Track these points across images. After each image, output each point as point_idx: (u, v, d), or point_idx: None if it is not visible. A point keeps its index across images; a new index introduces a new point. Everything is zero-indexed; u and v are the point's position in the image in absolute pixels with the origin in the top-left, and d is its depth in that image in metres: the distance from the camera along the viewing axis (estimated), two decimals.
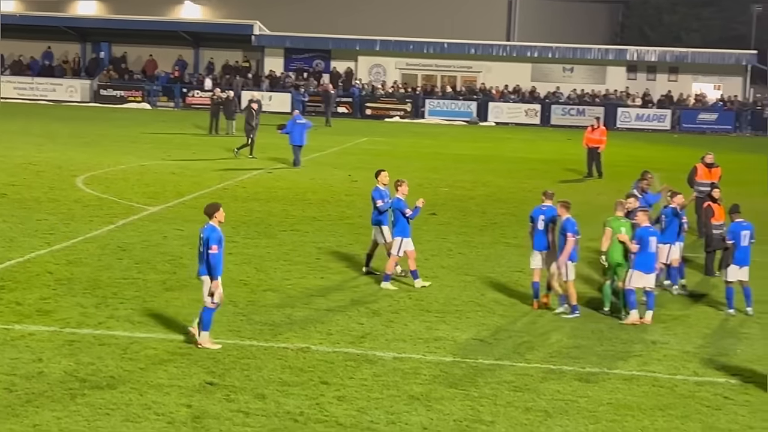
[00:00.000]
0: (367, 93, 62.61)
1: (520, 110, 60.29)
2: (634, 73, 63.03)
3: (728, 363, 16.28)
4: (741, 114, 58.60)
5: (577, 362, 16.10)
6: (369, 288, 20.30)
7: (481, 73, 63.58)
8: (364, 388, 14.50)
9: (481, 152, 44.51)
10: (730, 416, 14.05)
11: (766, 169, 40.49)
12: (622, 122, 58.57)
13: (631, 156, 44.25)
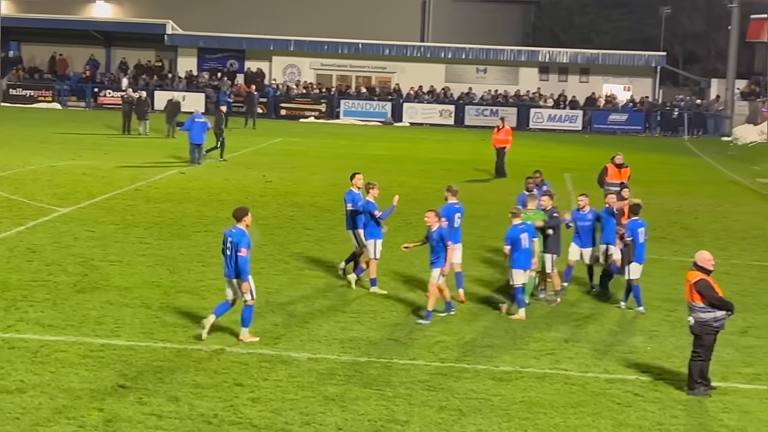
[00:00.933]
0: (282, 93, 62.43)
1: (435, 111, 60.58)
2: (546, 74, 63.66)
3: (638, 360, 16.52)
4: (650, 115, 59.51)
5: (491, 361, 16.21)
6: (283, 289, 20.23)
7: (396, 73, 63.75)
8: (278, 390, 14.45)
9: (396, 153, 44.65)
10: (640, 413, 14.26)
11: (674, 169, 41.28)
12: (535, 123, 59.15)
13: (543, 156, 44.68)
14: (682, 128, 57.87)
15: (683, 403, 14.74)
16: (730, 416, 14.25)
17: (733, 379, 15.78)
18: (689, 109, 59.32)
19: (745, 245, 26.72)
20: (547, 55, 63.84)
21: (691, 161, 46.27)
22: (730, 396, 15.01)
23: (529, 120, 59.15)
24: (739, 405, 14.67)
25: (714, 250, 24.48)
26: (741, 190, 36.88)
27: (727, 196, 35.21)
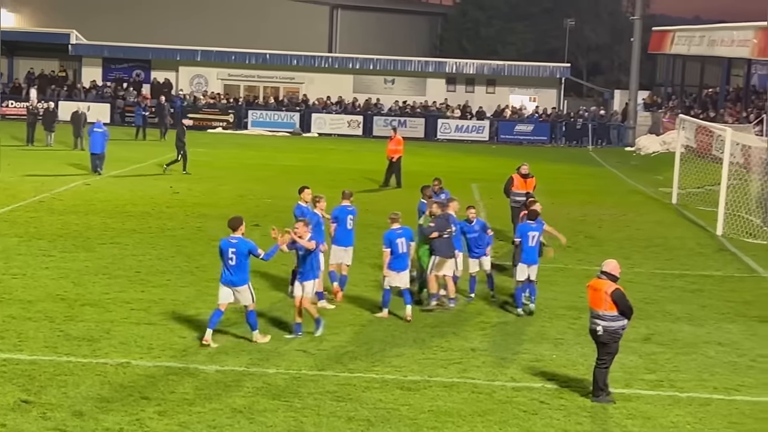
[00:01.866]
0: (189, 103, 61.95)
1: (343, 121, 60.60)
2: (453, 85, 64.05)
3: (544, 368, 16.70)
4: (556, 125, 60.22)
5: (399, 371, 16.26)
6: (191, 301, 20.05)
7: (304, 84, 63.63)
8: (185, 402, 14.32)
9: (305, 163, 44.56)
10: (546, 420, 14.42)
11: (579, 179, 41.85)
12: (443, 133, 59.49)
13: (451, 167, 44.94)
14: (587, 138, 58.68)
15: (588, 410, 14.93)
16: (634, 422, 14.48)
17: (636, 386, 16.03)
18: (593, 119, 60.20)
19: (648, 254, 27.17)
20: (454, 66, 64.25)
21: (596, 171, 46.93)
22: (634, 402, 15.25)
23: (436, 131, 59.44)
24: (643, 411, 14.91)
25: (618, 259, 24.86)
26: (644, 200, 37.48)
27: (631, 205, 35.77)
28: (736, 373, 16.92)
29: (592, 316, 15.20)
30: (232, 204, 32.25)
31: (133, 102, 60.44)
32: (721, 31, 53.09)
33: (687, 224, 32.13)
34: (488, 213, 31.10)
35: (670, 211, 34.61)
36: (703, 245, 28.64)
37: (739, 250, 27.90)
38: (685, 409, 15.08)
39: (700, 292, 22.91)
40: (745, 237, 29.42)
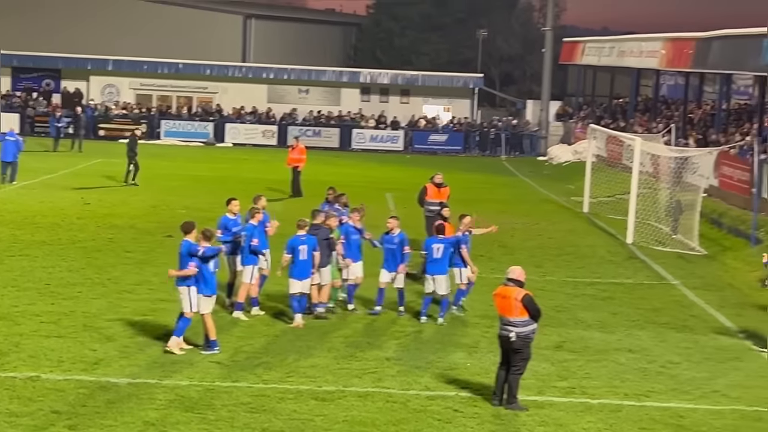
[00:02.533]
0: (101, 113, 61.18)
1: (257, 131, 60.28)
2: (367, 95, 64.12)
3: (458, 377, 16.80)
4: (469, 135, 60.59)
5: (313, 381, 16.24)
6: (102, 313, 19.80)
7: (218, 93, 63.22)
8: (97, 416, 14.14)
9: (218, 173, 44.28)
10: (460, 428, 14.51)
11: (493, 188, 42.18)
12: (357, 143, 59.52)
13: (365, 176, 45.07)
14: (500, 148, 59.15)
15: (501, 417, 15.05)
16: (546, 429, 14.63)
17: (548, 393, 16.20)
18: (506, 129, 60.72)
19: (560, 262, 27.48)
20: (369, 76, 64.35)
21: (509, 180, 47.34)
22: (546, 410, 15.41)
23: (351, 140, 59.47)
24: (555, 418, 15.07)
25: (530, 267, 25.15)
26: (556, 209, 37.90)
27: (543, 214, 36.14)
28: (646, 379, 17.19)
29: (504, 323, 15.34)
30: (145, 215, 31.95)
31: (44, 112, 59.52)
32: (630, 42, 53.97)
33: (598, 233, 32.57)
34: (403, 222, 31.14)
35: (581, 220, 35.05)
36: (614, 253, 29.06)
37: (649, 258, 28.36)
38: (596, 415, 15.28)
39: (611, 299, 23.24)
40: (655, 245, 29.91)
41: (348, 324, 19.89)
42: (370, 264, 21.36)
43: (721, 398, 16.32)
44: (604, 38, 62.00)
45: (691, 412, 15.60)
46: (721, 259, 28.56)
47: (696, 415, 15.45)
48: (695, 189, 31.88)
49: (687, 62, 42.58)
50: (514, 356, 15.32)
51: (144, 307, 20.36)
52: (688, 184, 32.76)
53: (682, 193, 32.28)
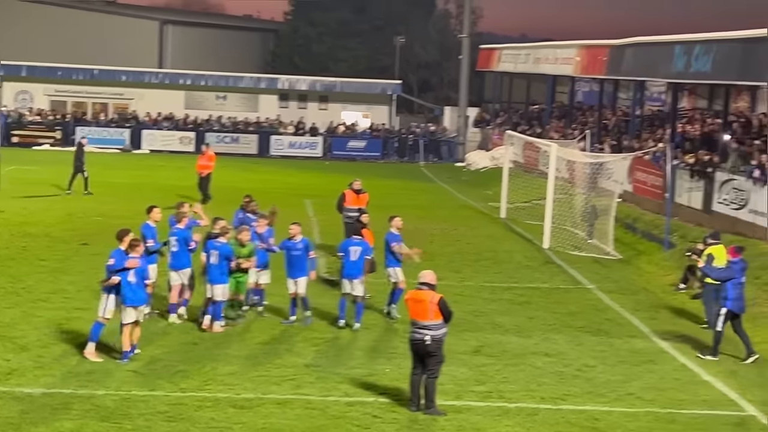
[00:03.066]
0: (14, 120, 60.25)
1: (175, 138, 59.79)
2: (286, 101, 63.99)
3: (377, 383, 16.82)
4: (388, 141, 60.76)
5: (232, 389, 16.15)
6: (16, 322, 19.49)
7: (134, 100, 62.63)
8: (11, 427, 13.92)
9: (135, 180, 43.85)
10: None
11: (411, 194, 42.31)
12: (276, 150, 59.32)
13: (284, 183, 44.99)
14: (418, 154, 59.38)
15: (419, 422, 15.10)
16: None
17: (466, 398, 16.29)
18: (424, 135, 60.97)
19: (478, 267, 27.67)
20: (287, 82, 64.17)
21: (427, 186, 47.52)
22: (464, 414, 15.50)
23: (269, 147, 59.27)
24: (473, 423, 15.16)
25: (448, 273, 25.49)
26: (474, 214, 38.14)
27: (461, 219, 36.35)
28: (563, 382, 17.37)
29: (418, 327, 15.37)
30: (60, 223, 31.52)
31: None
32: (545, 49, 54.49)
33: (515, 238, 32.85)
34: (321, 229, 31.27)
35: (499, 225, 35.31)
36: (531, 258, 29.33)
37: (565, 262, 28.67)
38: (513, 419, 15.40)
39: (528, 304, 23.45)
40: (571, 250, 30.25)
41: (266, 331, 19.81)
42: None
43: (635, 401, 16.56)
44: (520, 45, 62.55)
45: (606, 414, 15.80)
46: (636, 263, 28.98)
47: (611, 418, 15.66)
48: (610, 194, 32.33)
49: (601, 69, 43.16)
50: (429, 360, 15.38)
51: (59, 316, 20.08)
52: (603, 189, 33.20)
53: (597, 198, 32.70)
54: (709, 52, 32.00)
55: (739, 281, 19.56)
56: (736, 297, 19.37)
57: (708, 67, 32.00)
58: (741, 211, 29.56)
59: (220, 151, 57.68)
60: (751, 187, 29.08)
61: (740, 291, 19.50)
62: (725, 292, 19.40)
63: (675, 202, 32.17)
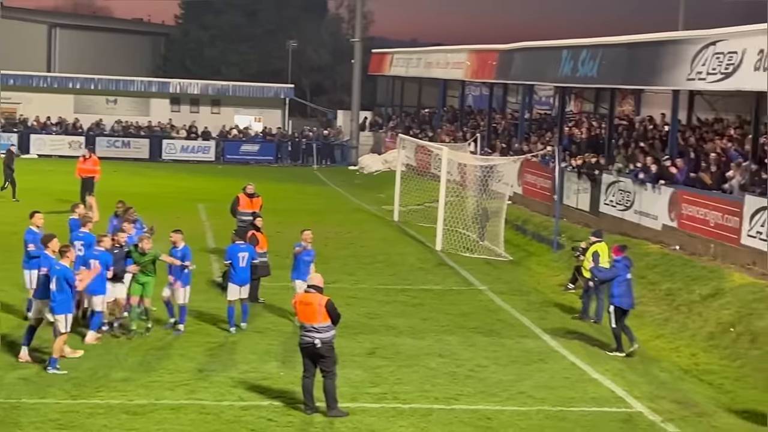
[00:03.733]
0: None
1: (64, 142, 58.80)
2: (177, 105, 63.38)
3: (272, 386, 16.77)
4: (281, 145, 60.58)
5: (124, 395, 15.95)
6: None
7: (22, 104, 61.38)
8: None
9: (23, 185, 42.87)
10: None
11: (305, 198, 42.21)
12: (168, 154, 58.70)
13: (177, 187, 44.55)
14: (312, 158, 59.33)
15: (315, 425, 15.09)
16: None
17: (361, 400, 16.33)
18: (317, 139, 60.96)
19: (372, 270, 27.74)
20: (179, 86, 63.56)
21: (321, 190, 47.47)
22: (359, 416, 15.53)
23: (161, 151, 58.65)
24: (368, 424, 15.20)
25: (342, 276, 25.55)
26: (368, 217, 38.21)
27: (355, 223, 36.39)
28: (456, 382, 17.52)
29: (307, 330, 15.40)
30: None
31: None
32: (436, 53, 54.88)
33: (408, 240, 33.01)
34: (215, 233, 31.03)
35: (392, 228, 35.44)
36: (424, 260, 29.50)
37: (457, 264, 28.90)
38: (408, 420, 15.48)
39: (422, 305, 23.58)
40: (463, 252, 30.51)
41: (160, 336, 19.59)
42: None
43: (527, 399, 16.77)
44: (411, 50, 62.87)
45: (498, 413, 15.97)
46: (526, 264, 29.36)
47: (503, 417, 15.84)
48: (501, 196, 32.70)
49: (491, 73, 43.61)
50: (323, 362, 15.39)
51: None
52: (494, 191, 33.55)
53: (488, 200, 33.03)
54: (595, 57, 32.60)
55: (624, 278, 20.04)
56: (622, 294, 19.87)
57: (594, 71, 32.59)
58: (627, 212, 30.16)
59: (111, 156, 57.10)
60: (637, 188, 29.69)
61: (626, 287, 19.97)
62: (611, 289, 19.95)
63: (563, 204, 32.67)
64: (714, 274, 23.63)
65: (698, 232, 26.42)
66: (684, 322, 22.00)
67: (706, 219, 26.13)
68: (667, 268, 25.15)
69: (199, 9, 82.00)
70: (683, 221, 27.17)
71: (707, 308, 21.64)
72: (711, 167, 27.17)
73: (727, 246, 25.00)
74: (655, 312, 23.01)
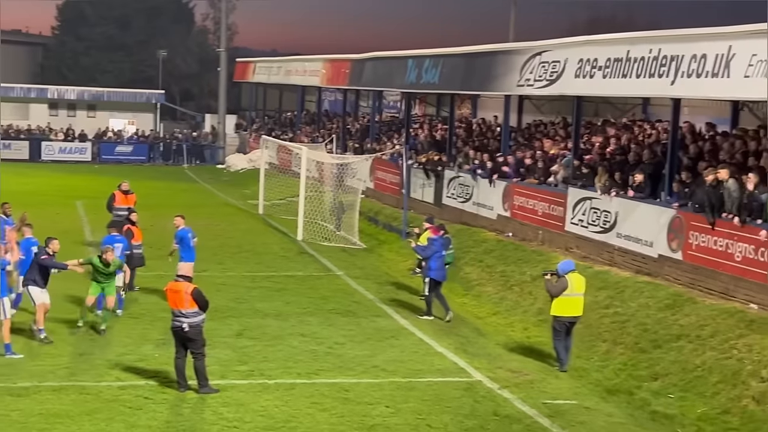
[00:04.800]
0: None
1: None
2: (56, 110, 61.79)
3: (147, 367, 16.51)
4: (153, 146, 59.60)
5: (9, 378, 15.52)
6: None
7: None
8: None
9: None
10: (150, 414, 14.28)
11: (176, 194, 41.63)
12: (47, 155, 57.14)
13: (56, 186, 43.46)
14: (182, 158, 58.55)
15: (188, 401, 14.93)
16: (229, 409, 14.64)
17: (230, 377, 16.21)
18: (187, 140, 60.22)
19: (239, 259, 27.53)
20: (56, 92, 61.94)
21: (191, 187, 46.85)
22: (229, 392, 15.42)
23: (41, 152, 57.11)
24: (237, 399, 15.11)
25: (212, 265, 25.31)
26: (235, 211, 37.89)
27: (223, 216, 36.02)
28: (316, 359, 17.54)
29: (176, 315, 15.29)
30: None
31: None
32: (295, 62, 54.72)
33: (272, 232, 32.87)
34: (92, 227, 30.36)
35: (257, 221, 35.23)
36: (287, 249, 29.42)
37: (317, 252, 28.91)
38: (273, 394, 15.44)
39: (285, 290, 23.52)
40: (321, 241, 30.53)
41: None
42: None
43: (380, 372, 16.90)
44: (272, 59, 62.59)
45: (354, 386, 16.05)
46: (378, 251, 29.54)
47: (359, 389, 15.92)
48: (355, 191, 32.81)
49: (344, 80, 43.68)
50: (191, 344, 15.27)
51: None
52: (349, 186, 33.65)
53: (343, 194, 33.13)
54: (437, 65, 32.97)
55: (440, 255, 21.31)
56: (438, 267, 21.12)
57: (436, 78, 32.96)
58: (467, 203, 30.61)
59: None
60: (474, 183, 30.14)
61: (441, 263, 21.24)
62: (428, 264, 21.15)
63: (411, 197, 32.95)
64: (542, 257, 24.17)
65: (528, 221, 26.99)
66: (517, 300, 22.46)
67: (535, 209, 26.71)
68: (501, 253, 25.62)
69: (75, 21, 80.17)
70: (515, 211, 27.72)
71: (537, 287, 22.11)
72: (538, 163, 27.76)
73: (553, 232, 25.61)
74: (491, 292, 23.43)
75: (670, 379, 16.50)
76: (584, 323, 19.78)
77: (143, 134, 60.99)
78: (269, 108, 64.02)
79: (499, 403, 15.41)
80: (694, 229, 20.14)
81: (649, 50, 21.15)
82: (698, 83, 19.58)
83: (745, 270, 18.62)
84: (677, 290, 19.70)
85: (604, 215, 23.49)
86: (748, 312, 17.61)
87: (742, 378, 15.45)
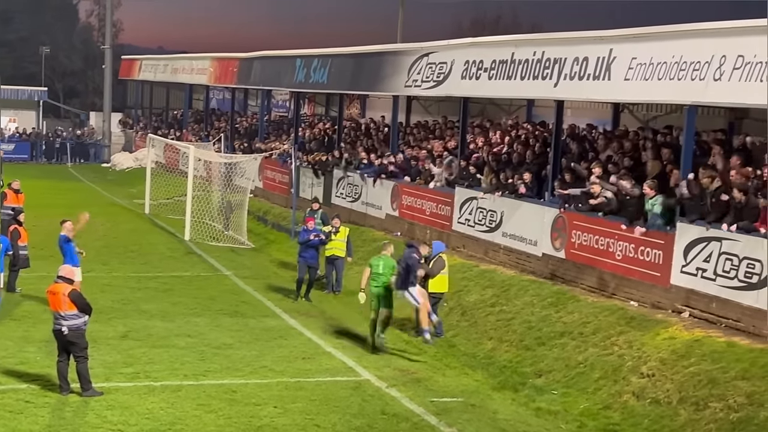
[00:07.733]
0: None
1: None
2: None
3: (29, 371, 16.08)
4: (36, 144, 58.32)
5: None
6: None
7: None
8: None
9: None
10: (32, 418, 13.89)
11: (61, 193, 40.71)
12: None
13: None
14: (66, 156, 57.38)
15: (70, 405, 14.58)
16: (113, 412, 14.33)
17: (115, 379, 15.89)
18: (71, 138, 59.03)
19: (125, 259, 27.08)
20: None
21: (76, 186, 45.93)
22: (114, 394, 15.10)
23: None
24: (121, 401, 14.81)
25: (97, 265, 24.83)
26: (120, 210, 37.27)
27: (108, 215, 35.32)
28: (204, 360, 17.32)
29: (56, 317, 14.96)
30: None
31: None
32: (182, 60, 54.06)
33: (159, 231, 32.42)
34: None
35: (143, 220, 34.71)
36: (174, 249, 29.04)
37: (205, 252, 28.62)
38: (159, 396, 15.18)
39: (172, 291, 23.20)
40: (209, 241, 30.24)
41: None
42: None
43: (268, 372, 16.78)
44: (159, 57, 61.71)
45: (242, 386, 15.90)
46: (267, 251, 29.38)
47: (247, 389, 15.78)
48: (243, 190, 32.58)
49: (233, 79, 43.34)
50: (72, 348, 14.92)
51: None
52: (237, 186, 33.40)
53: (232, 194, 32.87)
54: (325, 65, 32.95)
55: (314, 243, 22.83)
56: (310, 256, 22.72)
57: (325, 78, 32.94)
58: (356, 203, 30.68)
59: None
60: (363, 182, 30.22)
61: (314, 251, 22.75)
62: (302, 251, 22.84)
63: (300, 197, 32.90)
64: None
65: (417, 220, 27.17)
66: None
67: (423, 209, 26.90)
68: None
69: None
70: (404, 211, 27.87)
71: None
72: (425, 163, 27.94)
73: (441, 232, 25.82)
74: None
75: (553, 376, 16.80)
76: (470, 321, 20.01)
77: (25, 132, 59.52)
78: (156, 106, 63.14)
79: (387, 401, 15.44)
80: (577, 228, 20.54)
81: (533, 53, 21.50)
82: (580, 85, 19.98)
83: (625, 268, 19.07)
84: (561, 288, 20.06)
85: (490, 215, 23.78)
86: (628, 309, 18.04)
87: (623, 374, 15.82)
